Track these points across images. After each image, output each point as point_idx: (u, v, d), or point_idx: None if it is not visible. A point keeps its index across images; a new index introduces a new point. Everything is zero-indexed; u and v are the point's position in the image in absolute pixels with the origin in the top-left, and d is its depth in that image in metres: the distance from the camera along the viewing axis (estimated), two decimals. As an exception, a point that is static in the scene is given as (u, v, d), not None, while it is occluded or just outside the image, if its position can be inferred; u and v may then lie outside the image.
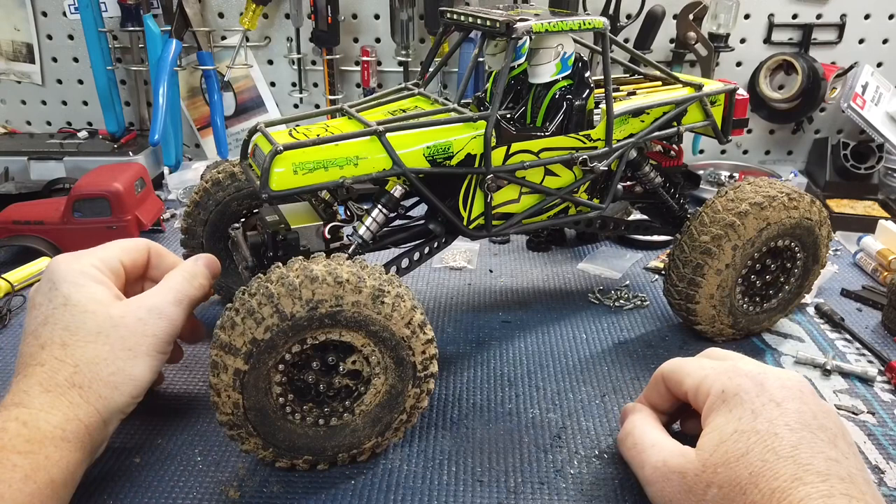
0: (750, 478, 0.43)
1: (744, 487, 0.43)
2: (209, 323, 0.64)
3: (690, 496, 0.46)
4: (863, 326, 0.80)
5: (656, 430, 0.54)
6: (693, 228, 0.70)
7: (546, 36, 0.65)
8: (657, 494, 0.50)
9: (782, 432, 0.44)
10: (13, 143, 1.24)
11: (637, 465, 0.53)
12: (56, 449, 0.48)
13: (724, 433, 0.46)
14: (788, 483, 0.41)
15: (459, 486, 0.56)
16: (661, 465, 0.49)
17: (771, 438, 0.44)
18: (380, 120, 0.62)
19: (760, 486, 0.42)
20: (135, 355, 0.54)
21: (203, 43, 1.22)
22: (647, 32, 1.17)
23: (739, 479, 0.44)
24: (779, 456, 0.43)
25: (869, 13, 1.21)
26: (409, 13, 1.18)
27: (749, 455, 0.44)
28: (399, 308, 0.53)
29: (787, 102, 1.21)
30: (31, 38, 1.27)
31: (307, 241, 0.62)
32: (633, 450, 0.54)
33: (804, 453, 0.43)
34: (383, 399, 0.56)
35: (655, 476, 0.50)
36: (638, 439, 0.54)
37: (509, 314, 0.82)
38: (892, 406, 0.66)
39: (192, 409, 0.65)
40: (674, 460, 0.49)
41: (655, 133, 0.72)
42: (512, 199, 0.68)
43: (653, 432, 0.54)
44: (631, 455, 0.54)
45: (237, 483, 0.56)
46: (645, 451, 0.52)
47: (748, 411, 0.46)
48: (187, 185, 1.18)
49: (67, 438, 0.49)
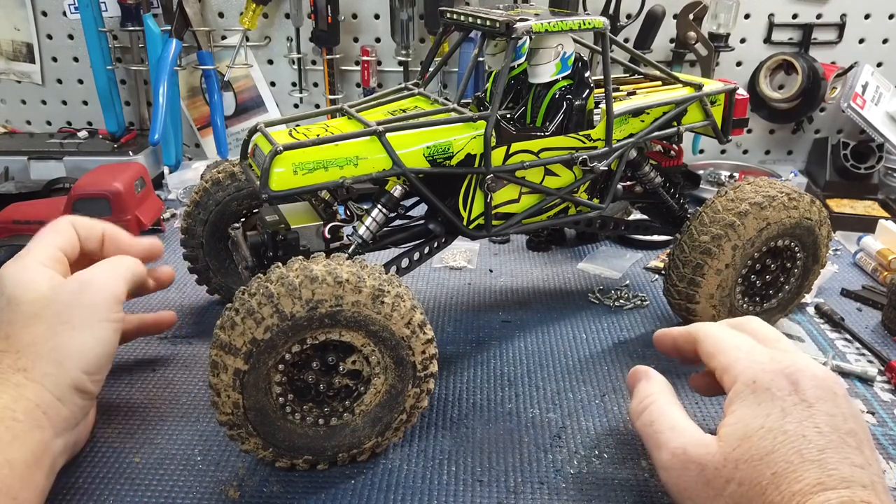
0: (772, 478, 0.42)
1: (764, 487, 0.42)
2: (209, 323, 0.64)
3: (708, 489, 0.45)
4: (863, 326, 0.80)
5: (676, 409, 0.52)
6: (693, 228, 0.70)
7: (546, 36, 0.65)
8: (672, 482, 0.48)
9: (811, 435, 0.43)
10: (13, 142, 1.24)
11: (653, 445, 0.51)
12: (7, 430, 0.48)
13: (750, 428, 0.45)
14: (811, 487, 0.41)
15: (459, 485, 0.56)
16: (682, 452, 0.48)
17: (799, 440, 0.43)
18: (380, 120, 0.62)
19: (781, 489, 0.41)
20: (73, 327, 0.54)
21: (203, 43, 1.22)
22: (647, 32, 1.17)
23: (761, 479, 0.43)
24: (804, 459, 0.42)
25: (869, 13, 1.21)
26: (409, 13, 1.18)
27: (774, 454, 0.43)
28: (399, 308, 0.53)
29: (787, 102, 1.21)
30: (31, 38, 1.27)
31: (307, 241, 0.63)
32: (650, 427, 0.51)
33: (831, 458, 0.42)
34: (383, 399, 0.56)
35: (673, 463, 0.48)
36: (656, 417, 0.51)
37: (509, 314, 0.82)
38: (892, 406, 0.66)
39: (192, 409, 0.65)
40: (695, 450, 0.47)
41: (655, 133, 0.72)
42: (512, 199, 0.68)
43: (673, 411, 0.51)
44: (647, 433, 0.52)
45: (237, 483, 0.56)
46: (663, 432, 0.50)
47: (777, 409, 0.45)
48: (187, 185, 1.18)
49: (17, 419, 0.49)
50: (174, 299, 0.84)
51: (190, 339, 0.76)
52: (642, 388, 0.55)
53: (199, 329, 0.78)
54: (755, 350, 0.51)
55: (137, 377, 0.69)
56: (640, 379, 0.57)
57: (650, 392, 0.54)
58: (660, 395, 0.53)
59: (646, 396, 0.54)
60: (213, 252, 0.77)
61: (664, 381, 0.55)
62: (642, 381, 0.56)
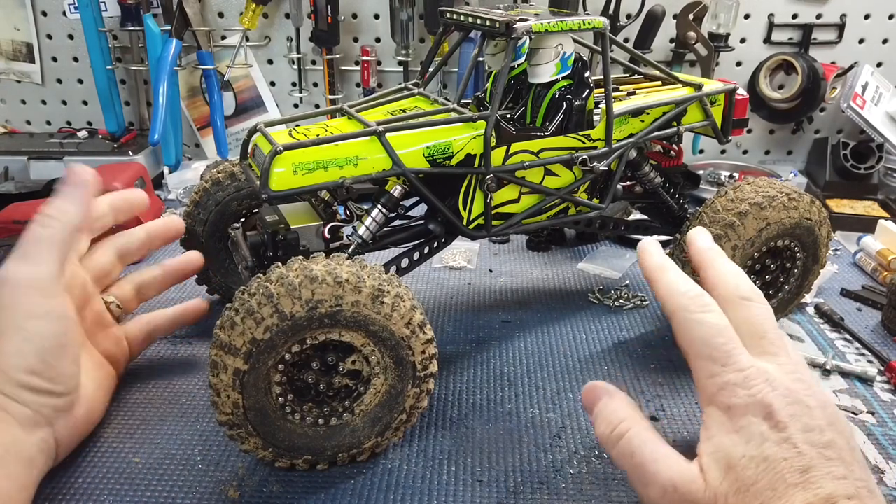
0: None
1: None
2: (209, 323, 0.64)
3: None
4: (862, 326, 0.80)
5: (653, 435, 0.49)
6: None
7: (546, 36, 0.65)
8: None
9: (791, 457, 0.43)
10: (13, 142, 1.24)
11: (638, 480, 0.49)
12: None
13: (733, 458, 0.45)
14: None
15: (459, 486, 0.56)
16: (671, 489, 0.46)
17: (780, 465, 0.43)
18: (380, 120, 0.62)
19: None
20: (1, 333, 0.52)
21: (203, 42, 1.22)
22: (647, 32, 1.17)
23: None
24: (788, 484, 0.42)
25: (869, 13, 1.21)
26: (409, 13, 1.18)
27: (759, 484, 0.43)
28: (399, 308, 0.53)
29: (787, 102, 1.21)
30: (31, 38, 1.27)
31: (307, 241, 0.63)
32: (631, 460, 0.49)
33: (814, 477, 0.42)
34: (383, 399, 0.56)
35: (664, 501, 0.46)
36: (636, 447, 0.49)
37: (509, 314, 0.82)
38: (891, 406, 0.66)
39: (192, 409, 0.65)
40: (684, 486, 0.46)
41: (655, 133, 0.72)
42: (512, 199, 0.68)
43: (652, 439, 0.49)
44: (628, 465, 0.49)
45: (237, 483, 0.56)
46: (647, 465, 0.48)
47: (756, 434, 0.45)
48: (187, 185, 1.18)
49: None
50: (174, 299, 0.84)
51: (190, 339, 0.76)
52: (609, 412, 0.52)
53: (199, 329, 0.78)
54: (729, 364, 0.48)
55: (137, 377, 0.69)
56: (599, 398, 0.53)
57: (622, 417, 0.51)
58: (633, 421, 0.50)
59: (618, 422, 0.51)
60: (213, 252, 0.77)
61: (629, 400, 0.52)
62: (604, 401, 0.52)
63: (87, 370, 0.59)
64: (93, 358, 0.62)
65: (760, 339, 0.49)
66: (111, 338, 0.65)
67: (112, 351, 0.64)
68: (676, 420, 0.64)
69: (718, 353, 0.48)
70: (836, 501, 0.41)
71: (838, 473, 0.43)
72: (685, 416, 0.64)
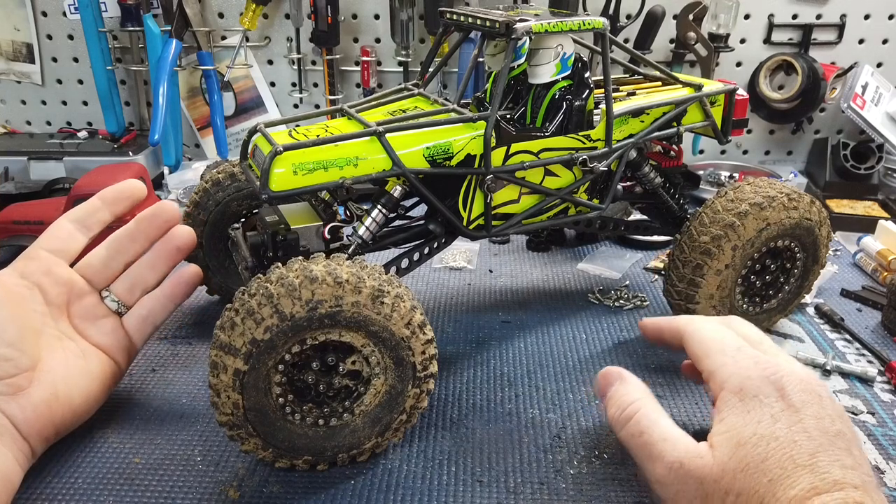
0: (768, 485, 0.42)
1: (762, 496, 0.42)
2: (209, 323, 0.64)
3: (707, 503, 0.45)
4: (862, 327, 0.80)
5: (663, 416, 0.51)
6: (693, 229, 0.70)
7: (546, 36, 0.65)
8: (670, 496, 0.47)
9: (801, 439, 0.44)
10: (13, 143, 1.24)
11: (645, 458, 0.49)
12: None
13: (743, 436, 0.45)
14: (805, 492, 0.41)
15: (459, 486, 0.56)
16: (678, 466, 0.47)
17: (790, 446, 0.43)
18: (380, 120, 0.62)
19: (778, 495, 0.42)
20: None
21: (203, 43, 1.22)
22: (646, 32, 1.17)
23: (758, 487, 0.43)
24: (797, 464, 0.42)
25: (869, 13, 1.21)
26: (409, 13, 1.18)
27: (768, 461, 0.43)
28: (399, 308, 0.53)
29: (787, 102, 1.21)
30: (31, 38, 1.27)
31: (307, 241, 0.63)
32: (639, 439, 0.50)
33: (822, 461, 0.42)
34: (383, 399, 0.56)
35: (670, 478, 0.47)
36: (644, 427, 0.50)
37: (509, 314, 0.82)
38: (892, 406, 0.66)
39: (192, 409, 0.65)
40: (691, 462, 0.46)
41: (655, 133, 0.72)
42: (512, 200, 0.68)
43: (661, 419, 0.50)
44: (636, 444, 0.50)
45: (237, 483, 0.56)
46: (655, 444, 0.49)
47: (767, 415, 0.45)
48: (187, 185, 1.18)
49: None
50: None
51: (190, 340, 0.76)
52: (621, 394, 0.53)
53: (198, 329, 0.78)
54: (740, 354, 0.50)
55: (137, 377, 0.70)
56: (612, 382, 0.54)
57: (632, 399, 0.52)
58: (644, 402, 0.52)
59: (629, 403, 0.52)
60: (213, 252, 0.77)
61: (642, 384, 0.54)
62: (617, 385, 0.54)
63: (65, 358, 0.59)
64: (78, 346, 0.62)
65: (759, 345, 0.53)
66: (104, 328, 0.64)
67: (107, 341, 0.64)
68: (676, 420, 0.63)
69: (729, 347, 0.51)
70: (843, 488, 0.41)
71: (847, 463, 0.43)
72: (685, 417, 0.64)
